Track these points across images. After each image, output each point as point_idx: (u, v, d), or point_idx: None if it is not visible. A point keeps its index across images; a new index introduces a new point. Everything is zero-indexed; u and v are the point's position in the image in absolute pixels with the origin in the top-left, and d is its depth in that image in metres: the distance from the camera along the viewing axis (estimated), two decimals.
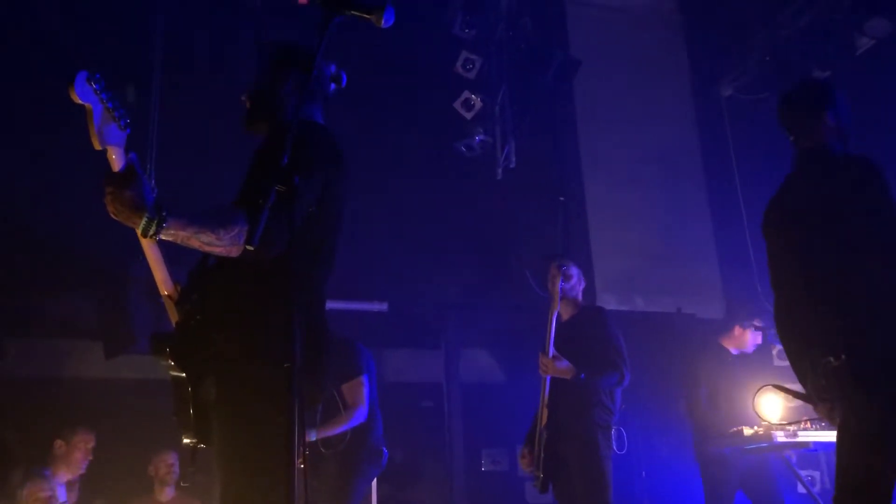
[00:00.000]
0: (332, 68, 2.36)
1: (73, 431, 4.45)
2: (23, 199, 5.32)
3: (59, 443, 4.44)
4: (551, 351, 3.93)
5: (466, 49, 6.04)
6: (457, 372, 6.70)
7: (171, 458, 4.98)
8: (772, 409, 4.76)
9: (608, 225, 6.31)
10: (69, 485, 4.35)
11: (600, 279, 5.83)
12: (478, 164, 6.23)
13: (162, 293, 2.14)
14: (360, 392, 4.20)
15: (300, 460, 1.68)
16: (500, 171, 6.12)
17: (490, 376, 7.63)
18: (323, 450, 4.12)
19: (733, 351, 4.91)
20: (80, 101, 1.77)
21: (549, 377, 3.97)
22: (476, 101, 5.96)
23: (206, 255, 2.10)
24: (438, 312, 6.79)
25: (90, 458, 4.48)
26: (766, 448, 4.36)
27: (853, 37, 5.95)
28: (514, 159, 6.07)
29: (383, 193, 5.99)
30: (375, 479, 5.25)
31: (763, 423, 4.32)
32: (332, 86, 2.25)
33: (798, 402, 5.48)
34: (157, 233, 1.83)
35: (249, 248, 1.81)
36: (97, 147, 1.82)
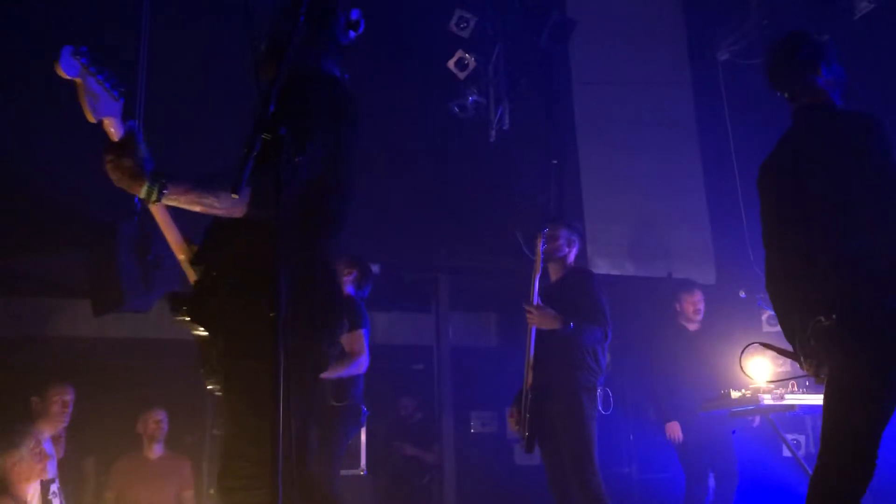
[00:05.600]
0: (354, 14, 2.29)
1: (46, 386, 4.47)
2: (9, 157, 5.24)
3: (34, 399, 4.47)
4: (535, 300, 3.94)
5: (460, 7, 5.92)
6: (447, 335, 6.72)
7: (160, 415, 4.98)
8: (759, 369, 4.78)
9: (601, 189, 6.26)
10: (54, 439, 4.36)
11: (593, 243, 5.80)
12: (471, 125, 6.15)
13: (178, 257, 2.18)
14: (360, 343, 4.34)
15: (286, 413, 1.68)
16: (493, 132, 6.05)
17: (480, 339, 7.66)
18: None
19: (687, 325, 4.96)
20: (67, 77, 1.76)
21: (534, 334, 3.96)
22: (470, 60, 5.85)
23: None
24: (430, 275, 6.78)
25: (69, 410, 4.49)
26: (753, 411, 4.37)
27: (852, 0, 5.88)
28: (507, 121, 5.99)
29: (374, 154, 5.92)
30: (364, 441, 5.29)
31: (751, 385, 4.33)
32: (352, 34, 2.17)
33: (785, 365, 5.54)
34: (158, 199, 1.86)
35: (234, 196, 1.78)
36: (91, 120, 1.81)
